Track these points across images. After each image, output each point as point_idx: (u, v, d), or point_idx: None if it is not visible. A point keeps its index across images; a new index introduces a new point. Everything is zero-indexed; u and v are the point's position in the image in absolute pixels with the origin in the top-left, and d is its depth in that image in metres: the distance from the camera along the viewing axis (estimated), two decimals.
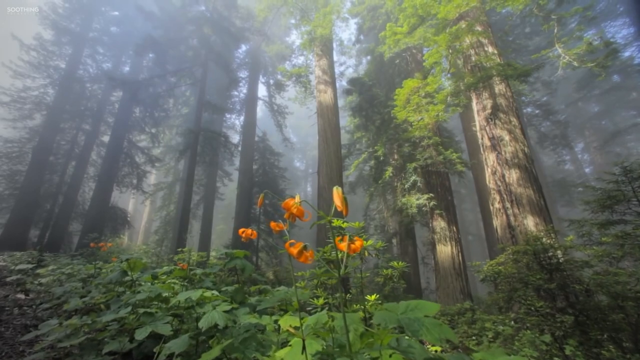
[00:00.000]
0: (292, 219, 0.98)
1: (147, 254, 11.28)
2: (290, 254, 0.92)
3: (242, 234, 1.33)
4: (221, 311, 1.21)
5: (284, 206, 0.95)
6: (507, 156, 6.29)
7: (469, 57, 8.03)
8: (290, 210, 0.96)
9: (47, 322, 1.40)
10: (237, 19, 16.07)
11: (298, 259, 0.91)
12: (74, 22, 15.16)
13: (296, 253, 0.91)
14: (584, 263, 2.64)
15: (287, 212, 0.98)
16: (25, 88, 14.72)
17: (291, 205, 0.95)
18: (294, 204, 0.94)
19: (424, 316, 0.76)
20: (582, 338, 2.10)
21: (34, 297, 2.81)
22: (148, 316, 1.30)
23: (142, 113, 15.22)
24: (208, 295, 1.26)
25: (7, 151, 14.08)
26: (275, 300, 1.28)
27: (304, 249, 0.92)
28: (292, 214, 0.97)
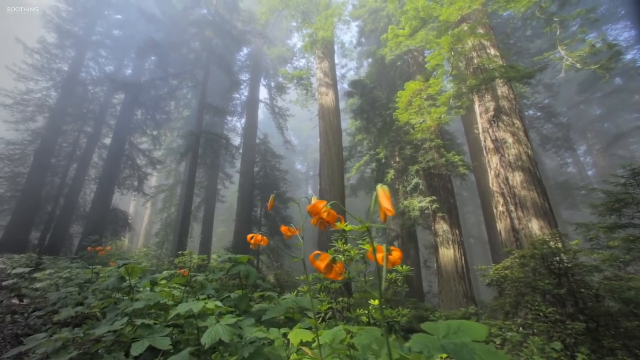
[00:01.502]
0: (321, 225, 0.81)
1: (148, 257, 11.24)
2: (317, 268, 0.76)
3: (250, 240, 1.24)
4: (225, 325, 1.12)
5: (311, 210, 0.80)
6: (511, 159, 6.24)
7: (471, 59, 8.01)
8: (319, 215, 0.80)
9: (35, 337, 1.30)
10: (239, 22, 16.15)
11: (327, 274, 0.76)
12: (77, 26, 15.27)
13: (324, 267, 0.75)
14: (593, 268, 2.58)
15: (316, 218, 0.81)
16: (28, 91, 14.80)
17: (320, 209, 0.79)
18: (324, 207, 0.79)
19: (472, 341, 0.64)
20: (594, 346, 2.03)
21: (30, 302, 2.74)
22: (146, 329, 1.22)
23: (144, 115, 15.25)
24: (211, 307, 1.18)
25: (10, 153, 14.12)
26: (281, 310, 1.20)
27: (332, 262, 0.76)
28: (321, 220, 0.81)
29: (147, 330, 1.21)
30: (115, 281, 1.63)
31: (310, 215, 0.83)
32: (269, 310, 1.18)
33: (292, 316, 1.30)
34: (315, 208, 0.81)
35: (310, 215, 0.83)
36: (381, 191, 0.68)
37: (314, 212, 0.81)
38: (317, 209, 0.81)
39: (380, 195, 0.68)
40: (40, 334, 1.30)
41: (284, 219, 14.30)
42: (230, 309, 1.19)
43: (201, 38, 14.26)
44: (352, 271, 2.80)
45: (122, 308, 1.42)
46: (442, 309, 6.88)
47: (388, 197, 0.68)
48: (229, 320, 1.12)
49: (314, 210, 0.81)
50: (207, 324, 1.08)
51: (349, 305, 2.77)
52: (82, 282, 2.81)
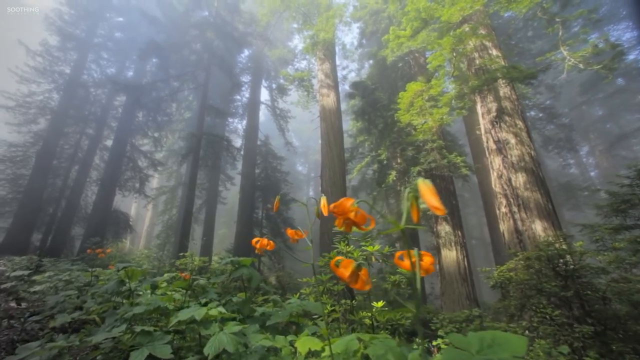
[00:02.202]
0: (347, 227, 0.70)
1: (149, 259, 11.21)
2: (340, 276, 0.67)
3: (255, 245, 1.19)
4: (229, 333, 1.06)
5: (338, 210, 0.69)
6: (513, 159, 6.20)
7: (472, 60, 7.98)
8: (345, 215, 0.69)
9: (28, 345, 1.25)
10: (240, 24, 16.19)
11: (352, 284, 0.66)
12: (79, 28, 15.35)
13: (348, 276, 0.66)
14: (600, 269, 2.54)
15: (340, 218, 0.70)
16: (30, 93, 14.87)
17: (348, 207, 0.69)
18: (352, 206, 0.69)
19: (512, 357, 0.55)
20: (602, 350, 1.99)
21: (28, 306, 2.70)
22: (145, 335, 1.15)
23: (145, 117, 15.28)
24: (214, 314, 1.12)
25: (12, 155, 14.16)
26: (286, 314, 1.16)
27: (357, 269, 0.66)
28: (349, 221, 0.70)
29: (146, 337, 1.15)
30: (114, 285, 1.60)
31: (334, 215, 0.72)
32: (274, 315, 1.14)
33: (296, 320, 1.26)
34: (341, 207, 0.69)
35: (334, 214, 0.71)
36: (424, 185, 0.59)
37: (339, 211, 0.70)
38: (343, 207, 0.69)
39: (424, 191, 0.58)
40: (34, 342, 1.25)
41: (285, 220, 14.27)
42: (233, 314, 1.14)
43: (202, 39, 14.30)
44: None
45: (121, 313, 1.37)
46: (445, 311, 6.83)
47: (434, 193, 0.57)
48: (233, 328, 1.07)
49: (339, 210, 0.69)
50: (210, 331, 1.03)
51: (351, 307, 2.73)
52: (81, 285, 2.77)
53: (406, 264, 0.65)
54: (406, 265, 0.64)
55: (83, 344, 1.22)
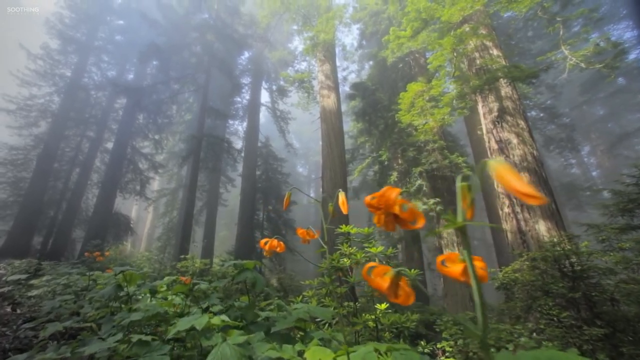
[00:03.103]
0: (389, 225, 0.57)
1: (150, 261, 11.17)
2: (376, 288, 0.56)
3: (264, 246, 1.13)
4: (233, 344, 0.97)
5: (380, 203, 0.56)
6: (516, 159, 6.16)
7: (473, 60, 7.96)
8: (390, 210, 0.56)
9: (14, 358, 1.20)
10: (240, 26, 16.22)
11: (391, 297, 0.56)
12: (79, 32, 15.40)
13: (387, 288, 0.55)
14: (608, 270, 2.50)
15: (379, 214, 0.58)
16: (31, 96, 14.90)
17: (393, 200, 0.55)
18: (396, 197, 0.56)
19: None
20: (613, 353, 1.95)
21: (24, 311, 2.64)
22: (142, 346, 1.08)
23: (146, 120, 15.29)
24: (216, 322, 1.04)
25: (13, 158, 14.17)
26: (292, 320, 1.11)
27: (396, 277, 0.56)
28: (392, 217, 0.57)
29: (144, 347, 1.08)
30: (112, 289, 1.55)
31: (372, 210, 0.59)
32: (279, 321, 1.08)
33: (302, 326, 1.21)
34: (385, 199, 0.55)
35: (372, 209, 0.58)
36: (502, 167, 0.46)
37: (382, 204, 0.56)
38: (387, 200, 0.55)
39: (504, 174, 0.46)
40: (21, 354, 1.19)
41: (286, 221, 14.23)
42: (237, 322, 1.09)
43: (202, 42, 14.32)
44: (358, 275, 2.73)
45: (117, 320, 1.32)
46: (448, 312, 6.77)
47: (518, 176, 0.45)
48: (237, 339, 0.99)
49: (382, 203, 0.55)
50: (212, 342, 0.97)
51: (355, 310, 2.69)
52: (79, 290, 2.71)
53: (455, 270, 0.54)
54: (455, 273, 0.54)
55: (75, 355, 1.14)
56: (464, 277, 0.53)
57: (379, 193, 0.58)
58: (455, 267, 0.54)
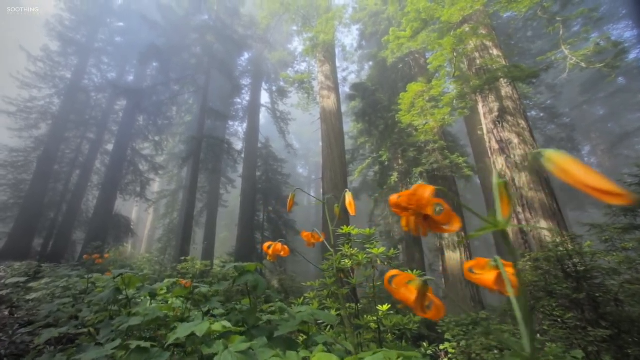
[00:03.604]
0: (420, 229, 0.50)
1: (150, 263, 11.15)
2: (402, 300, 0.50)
3: (268, 250, 1.11)
4: (235, 352, 0.94)
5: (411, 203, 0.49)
6: (517, 159, 6.14)
7: (473, 60, 7.95)
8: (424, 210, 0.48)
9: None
10: (239, 27, 16.24)
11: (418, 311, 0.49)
12: (80, 34, 15.43)
13: (414, 301, 0.49)
14: (612, 270, 2.48)
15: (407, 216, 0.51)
16: (31, 98, 14.91)
17: (427, 200, 0.47)
18: (430, 195, 0.48)
19: None
20: (619, 355, 1.93)
21: (22, 315, 2.61)
22: (141, 353, 1.04)
23: (146, 121, 15.30)
24: (217, 328, 1.00)
25: (13, 160, 14.18)
26: (295, 324, 1.09)
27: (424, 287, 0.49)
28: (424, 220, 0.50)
29: (142, 354, 1.03)
30: (110, 293, 1.52)
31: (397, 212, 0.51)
32: (281, 325, 1.06)
33: (305, 329, 1.18)
34: (417, 199, 0.47)
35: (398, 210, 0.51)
36: (565, 159, 0.40)
37: (412, 205, 0.48)
38: (419, 200, 0.47)
39: (570, 168, 0.39)
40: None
41: (287, 222, 14.21)
42: (239, 328, 1.06)
43: (202, 43, 14.34)
44: (360, 276, 2.71)
45: (116, 325, 1.29)
46: (449, 313, 6.74)
47: (588, 169, 0.39)
48: (240, 346, 0.96)
49: (413, 203, 0.48)
50: (214, 350, 0.94)
51: (357, 311, 2.67)
52: (77, 293, 2.68)
53: (487, 278, 0.47)
54: (487, 281, 0.47)
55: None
56: (497, 285, 0.47)
57: (408, 191, 0.50)
58: (487, 275, 0.49)
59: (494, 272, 0.48)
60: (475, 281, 0.50)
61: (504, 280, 0.46)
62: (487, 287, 0.49)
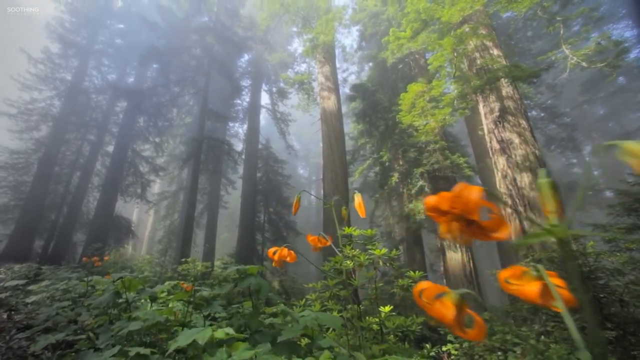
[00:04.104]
0: (465, 236, 0.44)
1: (151, 264, 11.13)
2: (438, 318, 0.44)
3: (273, 256, 1.07)
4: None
5: (455, 205, 0.42)
6: (518, 159, 6.12)
7: (473, 60, 7.94)
8: (472, 215, 0.42)
9: None
10: (239, 28, 16.26)
11: (458, 331, 0.44)
12: (80, 36, 15.46)
13: (453, 319, 0.43)
14: (616, 271, 2.46)
15: (447, 220, 0.45)
16: (32, 100, 14.94)
17: (475, 202, 0.41)
18: (479, 198, 0.41)
19: None
20: (624, 356, 1.91)
21: (21, 318, 2.58)
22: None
23: (146, 123, 15.31)
24: (220, 336, 0.95)
25: (14, 162, 14.20)
26: (299, 329, 1.06)
27: (461, 302, 0.44)
28: (467, 225, 0.44)
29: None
30: (110, 297, 1.49)
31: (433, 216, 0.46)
32: (285, 330, 1.04)
33: (309, 332, 1.16)
34: (462, 201, 0.41)
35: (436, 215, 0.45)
36: None
37: (455, 208, 0.42)
38: (465, 202, 0.41)
39: None
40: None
41: (288, 223, 14.18)
42: (241, 335, 1.03)
43: (202, 44, 14.35)
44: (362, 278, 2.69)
45: (116, 329, 1.27)
46: None
47: None
48: (244, 354, 0.91)
49: (456, 206, 0.42)
50: (217, 359, 0.92)
51: (359, 313, 2.65)
52: (76, 297, 2.65)
53: (529, 290, 0.41)
54: (529, 294, 0.41)
55: None
56: (543, 299, 0.41)
57: (451, 193, 0.43)
58: (529, 287, 0.41)
59: (537, 283, 0.42)
60: (514, 294, 0.44)
61: (551, 293, 0.40)
62: (529, 301, 0.43)
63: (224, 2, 15.69)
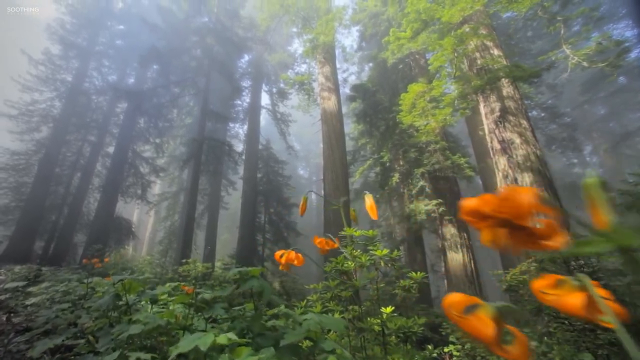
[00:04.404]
0: (516, 245, 0.39)
1: (152, 265, 11.12)
2: (476, 336, 0.40)
3: (280, 259, 1.04)
4: None
5: (504, 209, 0.37)
6: (519, 159, 6.11)
7: (474, 60, 7.93)
8: (523, 221, 0.37)
9: None
10: (239, 29, 16.27)
11: (499, 350, 0.39)
12: (80, 37, 15.48)
13: (493, 337, 0.39)
14: (617, 271, 2.45)
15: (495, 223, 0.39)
16: (33, 101, 14.96)
17: (530, 205, 0.36)
18: (533, 201, 0.36)
19: None
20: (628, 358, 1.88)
21: (20, 321, 2.56)
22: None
23: (147, 123, 15.32)
24: (223, 341, 0.92)
25: (14, 163, 14.21)
26: (302, 332, 1.05)
27: (500, 317, 0.40)
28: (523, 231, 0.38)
29: None
30: (110, 299, 1.47)
31: (472, 222, 0.41)
32: (288, 334, 1.02)
33: (315, 337, 1.14)
34: (512, 205, 0.36)
35: (476, 220, 0.40)
36: None
37: (503, 212, 0.37)
38: (518, 206, 0.36)
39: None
40: None
41: (288, 224, 14.17)
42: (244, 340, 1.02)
43: (202, 45, 14.36)
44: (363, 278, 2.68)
45: (116, 333, 1.26)
46: None
47: None
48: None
49: (504, 210, 0.37)
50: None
51: (360, 314, 2.64)
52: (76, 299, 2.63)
53: (571, 302, 0.36)
54: (571, 306, 0.36)
55: None
56: (588, 312, 0.36)
57: (497, 196, 0.37)
58: (572, 299, 0.37)
59: (580, 294, 0.37)
60: (554, 305, 0.39)
61: (597, 306, 0.35)
62: (572, 314, 0.38)
63: (223, 3, 15.71)
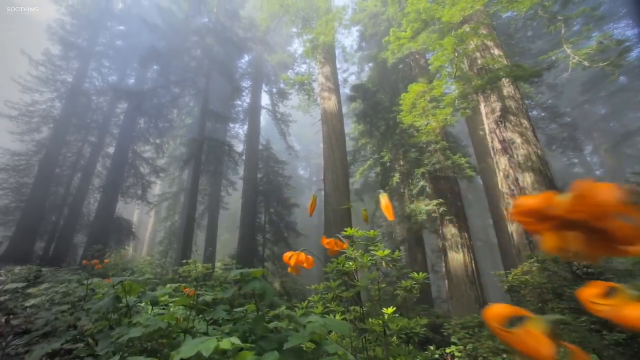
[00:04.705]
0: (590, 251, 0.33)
1: (152, 266, 11.11)
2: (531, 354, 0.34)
3: (289, 261, 1.01)
4: None
5: (581, 208, 0.30)
6: (520, 159, 6.09)
7: (474, 60, 7.92)
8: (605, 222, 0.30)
9: None
10: (239, 29, 16.28)
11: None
12: (81, 38, 15.50)
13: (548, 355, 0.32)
14: (627, 272, 2.43)
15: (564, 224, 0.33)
16: (33, 102, 14.98)
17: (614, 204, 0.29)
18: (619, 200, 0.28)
19: None
20: (634, 359, 1.88)
21: (20, 322, 2.54)
22: None
23: (147, 124, 15.32)
24: (226, 346, 0.89)
25: (15, 164, 14.22)
26: (306, 336, 1.03)
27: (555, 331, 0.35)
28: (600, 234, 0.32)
29: None
30: (110, 301, 1.45)
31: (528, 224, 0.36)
32: (291, 337, 1.00)
33: (318, 339, 1.12)
34: (589, 203, 0.31)
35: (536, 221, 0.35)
36: None
37: (575, 212, 0.32)
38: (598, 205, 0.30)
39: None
40: None
41: (289, 224, 14.16)
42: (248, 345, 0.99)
43: (202, 46, 14.37)
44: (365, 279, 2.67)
45: (116, 337, 1.24)
46: (454, 315, 6.67)
47: None
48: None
49: (576, 210, 0.32)
50: None
51: (362, 314, 2.63)
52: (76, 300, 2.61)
53: (632, 315, 0.31)
54: (632, 319, 0.31)
55: None
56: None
57: (580, 192, 0.31)
58: (631, 311, 0.31)
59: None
60: (609, 317, 0.33)
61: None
62: (630, 328, 0.32)
63: (223, 4, 15.71)
